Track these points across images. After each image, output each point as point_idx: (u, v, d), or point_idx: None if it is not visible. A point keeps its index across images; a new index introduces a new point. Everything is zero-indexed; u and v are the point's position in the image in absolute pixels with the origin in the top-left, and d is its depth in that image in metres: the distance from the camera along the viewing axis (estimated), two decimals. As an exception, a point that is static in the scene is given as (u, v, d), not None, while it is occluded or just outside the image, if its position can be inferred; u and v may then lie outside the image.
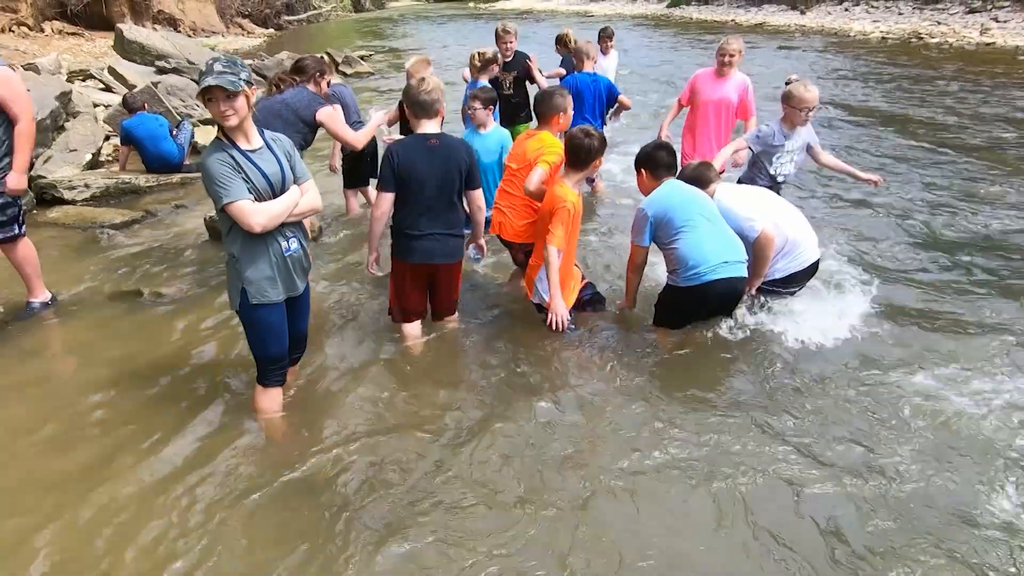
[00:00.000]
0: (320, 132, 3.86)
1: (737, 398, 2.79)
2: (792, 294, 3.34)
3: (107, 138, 7.79)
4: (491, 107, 4.29)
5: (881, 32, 17.21)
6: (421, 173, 3.02)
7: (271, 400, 2.69)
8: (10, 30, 16.65)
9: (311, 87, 3.91)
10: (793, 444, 2.47)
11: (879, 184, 3.88)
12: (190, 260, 4.43)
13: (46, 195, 5.84)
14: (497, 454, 2.48)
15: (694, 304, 3.11)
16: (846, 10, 22.40)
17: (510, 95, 5.88)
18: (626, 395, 2.84)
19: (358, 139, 3.90)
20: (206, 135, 7.91)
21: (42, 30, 17.45)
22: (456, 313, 3.44)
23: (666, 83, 11.10)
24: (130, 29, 11.55)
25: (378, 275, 3.36)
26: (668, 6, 31.68)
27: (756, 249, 3.10)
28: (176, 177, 6.41)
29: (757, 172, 3.85)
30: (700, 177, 3.26)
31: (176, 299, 3.84)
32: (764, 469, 2.34)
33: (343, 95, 4.95)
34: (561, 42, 6.87)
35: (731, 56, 4.51)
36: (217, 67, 2.17)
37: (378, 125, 4.15)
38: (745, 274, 3.08)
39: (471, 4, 55.36)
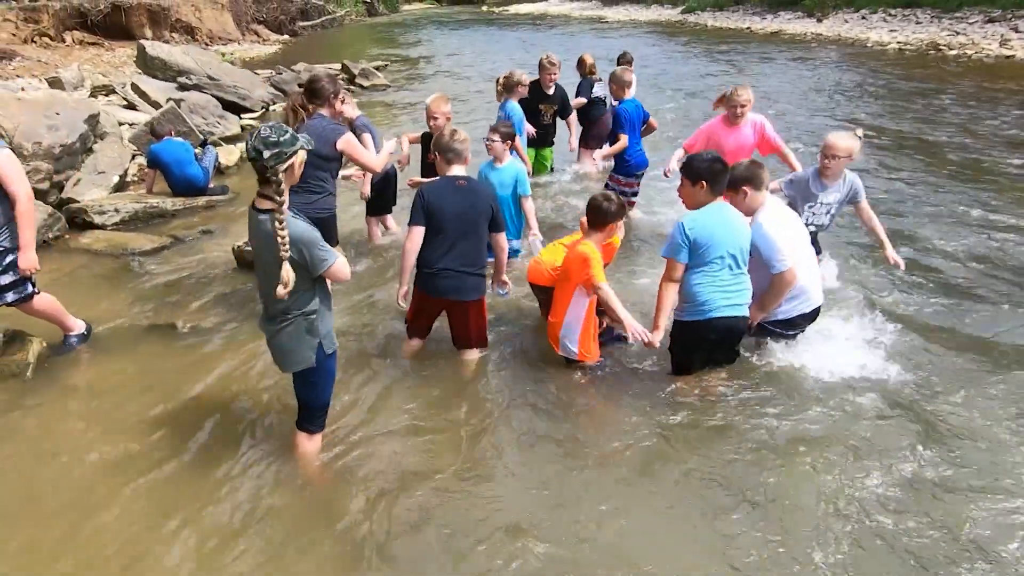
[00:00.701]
0: None
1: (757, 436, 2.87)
2: (792, 336, 3.39)
3: (133, 157, 7.97)
4: (509, 142, 4.41)
5: (898, 43, 17.11)
6: (448, 212, 3.26)
7: (316, 444, 2.81)
8: (32, 40, 16.96)
9: (326, 111, 3.90)
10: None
11: (900, 267, 3.86)
12: (221, 291, 4.54)
13: (77, 219, 5.99)
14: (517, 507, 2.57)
15: (697, 339, 3.17)
16: (863, 18, 22.25)
17: (548, 124, 6.25)
18: (642, 439, 2.93)
19: (377, 163, 4.07)
20: (229, 155, 8.08)
21: (63, 40, 17.74)
22: (479, 348, 3.58)
23: (682, 93, 11.15)
24: (152, 46, 11.75)
25: (404, 308, 3.52)
26: (683, 11, 31.61)
27: (774, 284, 3.15)
28: (201, 200, 6.55)
29: None
30: (753, 177, 3.17)
31: (212, 331, 3.96)
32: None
33: (370, 127, 5.05)
34: (581, 64, 6.95)
35: (743, 107, 4.51)
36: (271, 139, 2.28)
37: (391, 152, 4.36)
38: (747, 313, 3.14)
39: (484, 8, 55.55)
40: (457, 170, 3.37)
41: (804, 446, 2.85)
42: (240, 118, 10.51)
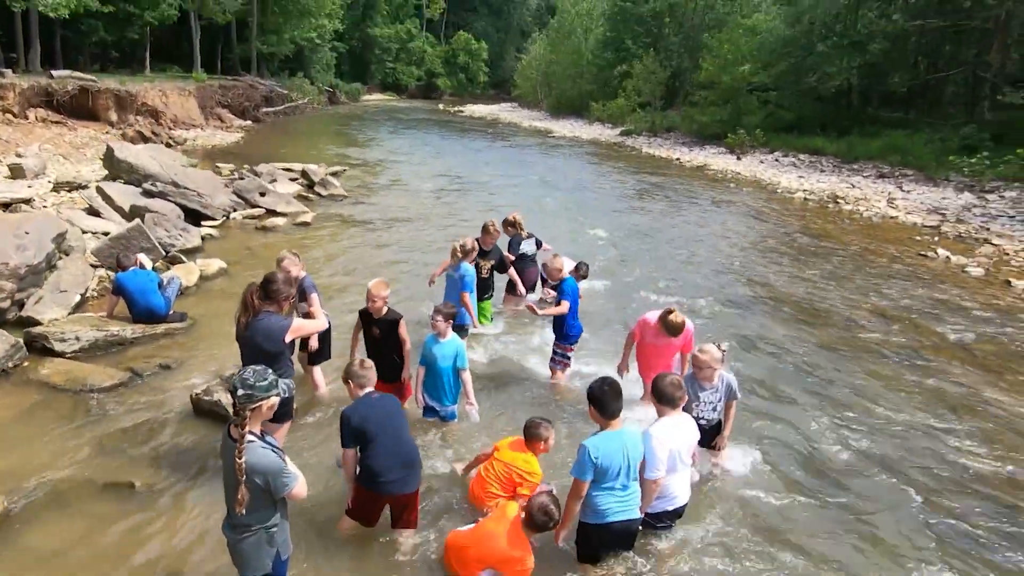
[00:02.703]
0: None
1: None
2: (661, 528, 4.15)
3: (95, 269, 8.37)
4: (450, 320, 5.24)
5: (804, 191, 19.46)
6: (374, 425, 3.85)
7: None
8: (-6, 118, 17.18)
9: (274, 308, 4.29)
10: None
11: (722, 449, 4.86)
12: (177, 442, 4.98)
13: (37, 343, 6.34)
14: None
15: (598, 538, 3.88)
16: (776, 160, 25.14)
17: (486, 278, 7.19)
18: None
19: (323, 324, 4.79)
20: (189, 274, 8.58)
21: (26, 117, 18.05)
22: (413, 528, 4.11)
23: (614, 228, 12.44)
24: (120, 148, 12.31)
25: None
26: (621, 133, 34.60)
27: (643, 487, 3.92)
28: (161, 328, 6.99)
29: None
30: (674, 400, 3.92)
31: (166, 491, 4.38)
32: None
33: (315, 287, 5.77)
34: (510, 224, 7.94)
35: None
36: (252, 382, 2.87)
37: (320, 307, 5.10)
38: (638, 516, 3.89)
39: (440, 106, 58.71)
40: (368, 389, 3.97)
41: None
42: (201, 226, 11.06)
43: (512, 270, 7.61)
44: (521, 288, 7.65)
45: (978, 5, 22.22)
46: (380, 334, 5.15)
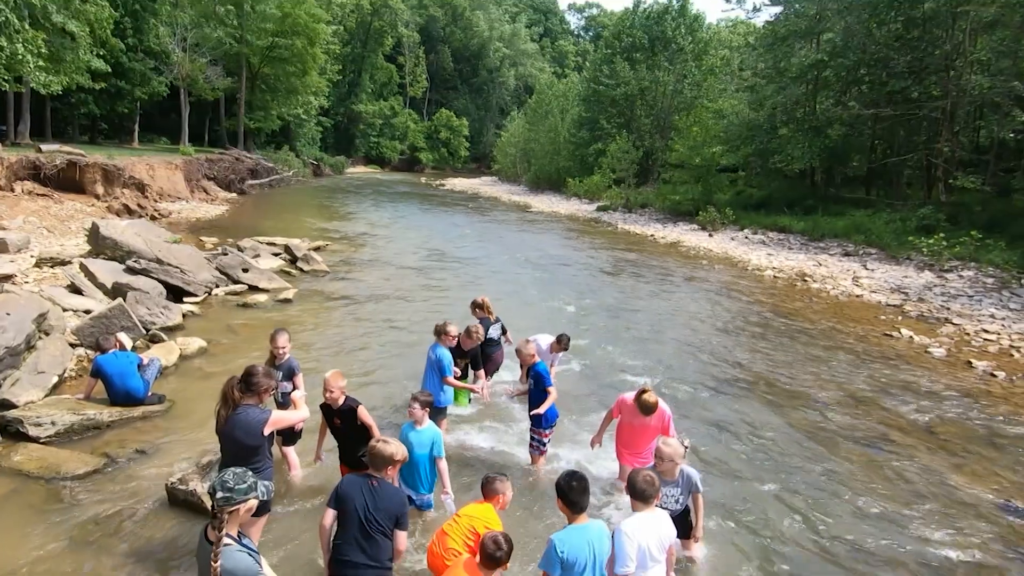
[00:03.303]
0: None
1: None
2: None
3: (74, 347, 8.37)
4: (427, 408, 5.35)
5: (773, 269, 20.20)
6: (356, 507, 3.90)
7: None
8: (-21, 190, 17.33)
9: (254, 400, 4.39)
10: None
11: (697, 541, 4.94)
12: (150, 535, 4.92)
13: (11, 428, 6.29)
14: None
15: None
16: (747, 237, 26.13)
17: (459, 377, 7.23)
18: None
19: (302, 415, 4.86)
20: (169, 353, 8.61)
21: (13, 190, 18.21)
22: None
23: (597, 310, 12.75)
24: (105, 225, 12.49)
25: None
26: (598, 209, 35.78)
27: None
28: (138, 411, 6.97)
29: None
30: (646, 495, 3.99)
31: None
32: None
33: (294, 367, 5.90)
34: (478, 306, 8.16)
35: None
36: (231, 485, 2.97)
37: (304, 396, 5.10)
38: None
39: (423, 179, 60.34)
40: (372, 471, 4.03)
41: None
42: (183, 303, 11.14)
43: (481, 370, 7.65)
44: (482, 371, 7.62)
45: (925, 97, 23.99)
46: (341, 423, 5.19)
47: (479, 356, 7.49)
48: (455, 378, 6.78)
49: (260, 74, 42.04)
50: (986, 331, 13.00)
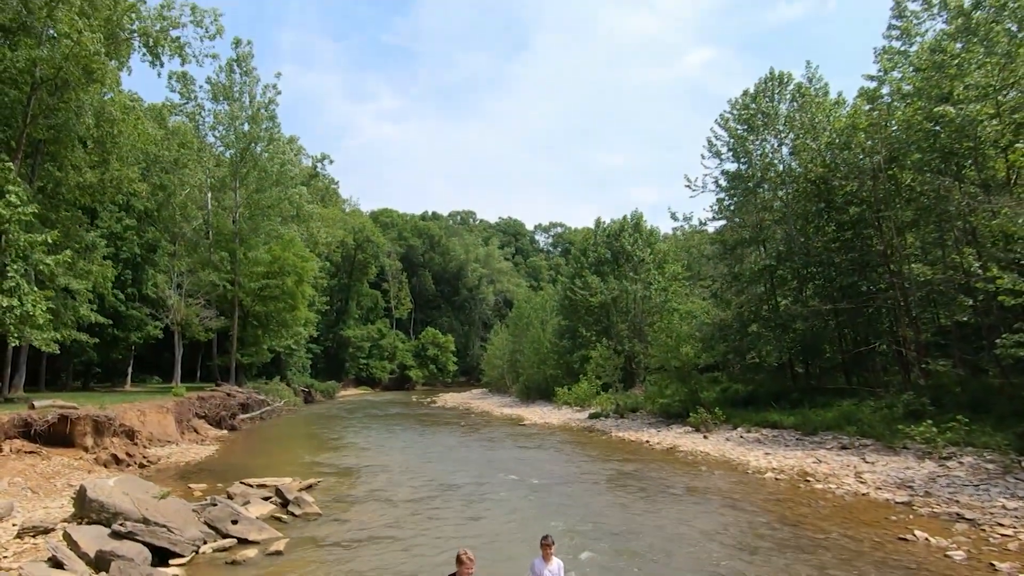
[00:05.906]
0: None
1: None
2: None
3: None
4: None
5: (773, 470, 19.89)
6: None
7: None
8: (-33, 455, 17.15)
9: None
10: None
11: None
12: None
13: None
14: None
15: None
16: (741, 436, 26.02)
17: None
18: None
19: None
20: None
21: (1, 450, 18.01)
22: None
23: (598, 543, 12.23)
24: (93, 487, 12.31)
25: None
26: (590, 416, 35.80)
27: None
28: None
29: None
30: None
31: None
32: None
33: None
34: (460, 562, 7.85)
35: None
36: None
37: None
38: None
39: (414, 397, 60.73)
40: None
41: None
42: (168, 566, 10.61)
43: None
44: None
45: (874, 289, 25.95)
46: None
47: None
48: None
49: (252, 312, 44.32)
50: (1001, 525, 12.67)
